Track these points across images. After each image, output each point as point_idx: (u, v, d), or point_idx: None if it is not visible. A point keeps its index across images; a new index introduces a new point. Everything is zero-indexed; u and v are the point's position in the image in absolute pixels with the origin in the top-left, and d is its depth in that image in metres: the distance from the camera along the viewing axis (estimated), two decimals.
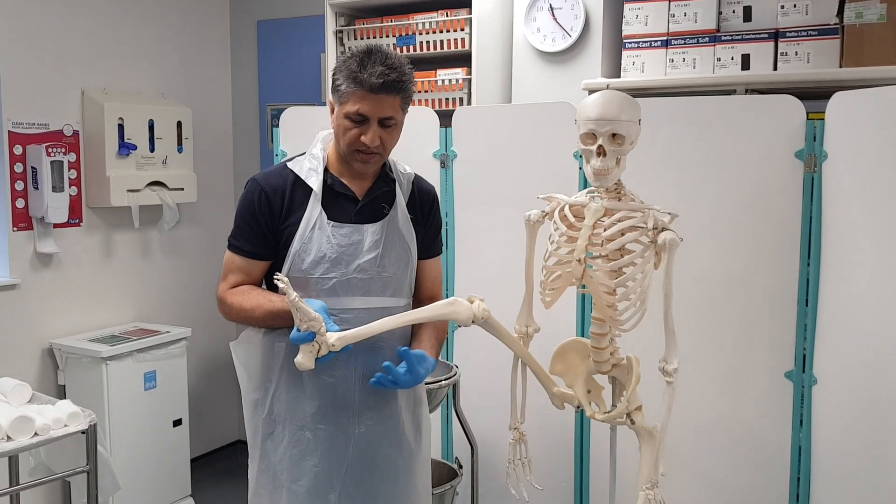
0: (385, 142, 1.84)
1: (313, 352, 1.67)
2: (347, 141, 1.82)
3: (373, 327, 1.75)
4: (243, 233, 1.89)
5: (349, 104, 1.79)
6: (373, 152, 1.83)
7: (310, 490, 1.88)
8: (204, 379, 4.14)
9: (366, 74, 1.75)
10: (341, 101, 1.81)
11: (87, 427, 2.33)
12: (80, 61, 3.47)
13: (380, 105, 1.78)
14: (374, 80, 1.75)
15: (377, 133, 1.80)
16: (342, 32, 3.40)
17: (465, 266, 2.91)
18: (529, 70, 3.18)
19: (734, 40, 2.72)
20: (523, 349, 1.93)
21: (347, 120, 1.80)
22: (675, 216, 1.78)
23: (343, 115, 1.81)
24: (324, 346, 1.68)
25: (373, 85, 1.75)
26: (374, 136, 1.80)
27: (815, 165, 2.30)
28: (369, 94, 1.76)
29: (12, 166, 3.20)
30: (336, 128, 1.85)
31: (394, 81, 1.77)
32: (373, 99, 1.77)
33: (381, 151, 1.84)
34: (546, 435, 2.69)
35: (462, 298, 1.80)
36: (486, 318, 1.80)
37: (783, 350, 2.38)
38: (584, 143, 1.79)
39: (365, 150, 1.82)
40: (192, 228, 4.04)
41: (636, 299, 1.76)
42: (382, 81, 1.75)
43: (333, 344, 1.68)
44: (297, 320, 1.65)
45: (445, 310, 1.79)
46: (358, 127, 1.80)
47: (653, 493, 1.78)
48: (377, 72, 1.75)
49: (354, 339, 1.72)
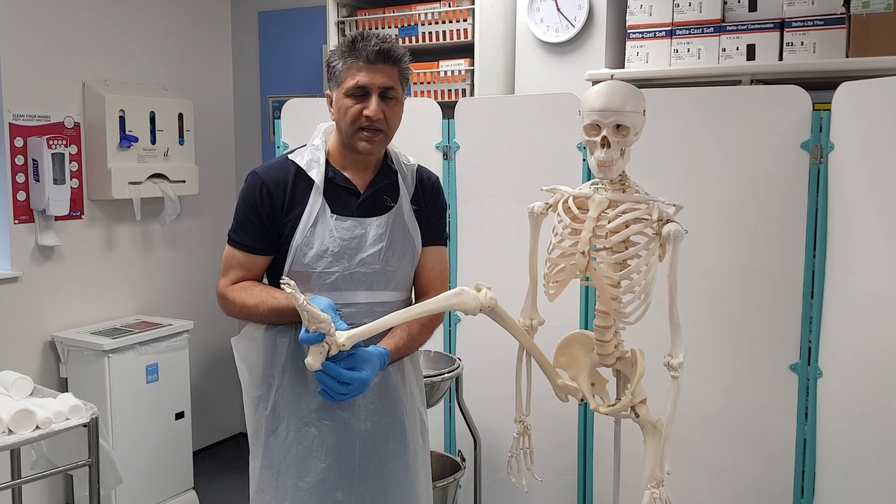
0: (388, 118, 1.82)
1: (323, 352, 1.62)
2: (350, 119, 1.80)
3: (382, 323, 1.71)
4: (244, 227, 1.86)
5: (347, 80, 1.79)
6: (377, 129, 1.80)
7: (317, 487, 1.87)
8: (206, 372, 4.14)
9: (360, 47, 1.78)
10: (339, 81, 1.81)
11: (88, 420, 2.32)
12: (81, 53, 3.45)
13: (378, 74, 1.78)
14: (370, 49, 1.77)
15: (379, 105, 1.79)
16: (344, 23, 3.39)
17: (467, 258, 2.90)
18: (533, 61, 3.16)
19: (739, 30, 2.70)
20: (529, 339, 1.92)
21: (348, 98, 1.79)
22: (680, 208, 1.76)
23: (343, 95, 1.80)
24: (334, 346, 1.63)
25: (369, 53, 1.77)
26: (376, 108, 1.78)
27: (821, 156, 2.28)
28: (366, 64, 1.78)
29: (13, 159, 3.19)
30: (337, 112, 1.83)
31: (389, 50, 1.79)
32: (370, 69, 1.78)
33: (384, 129, 1.82)
34: (549, 428, 2.68)
35: (469, 288, 1.78)
36: (493, 308, 1.78)
37: (788, 343, 2.37)
38: (589, 134, 1.77)
39: (369, 125, 1.79)
40: (193, 221, 4.03)
41: (640, 292, 1.75)
42: (378, 49, 1.77)
43: (343, 343, 1.64)
44: (306, 322, 1.60)
45: (453, 300, 1.76)
46: (359, 102, 1.79)
47: (658, 491, 1.76)
48: (372, 42, 1.78)
49: (364, 337, 1.68)
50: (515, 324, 1.88)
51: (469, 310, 1.76)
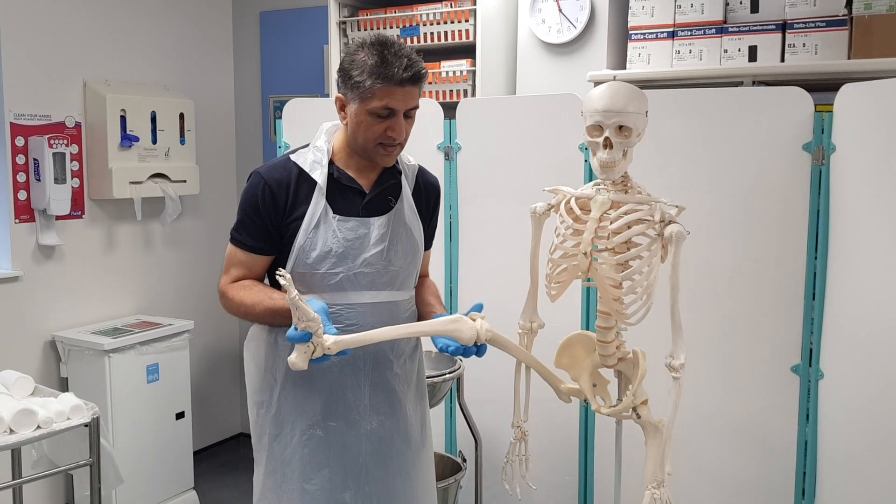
0: (406, 131, 1.83)
1: (308, 352, 1.60)
2: (372, 136, 1.78)
3: (371, 335, 1.69)
4: (246, 227, 1.86)
5: (375, 100, 1.74)
6: (397, 144, 1.81)
7: (323, 489, 1.86)
8: (206, 372, 4.13)
9: (394, 70, 1.72)
10: (364, 97, 1.75)
11: (90, 420, 2.32)
12: (82, 53, 3.45)
13: (407, 97, 1.76)
14: (403, 75, 1.72)
15: (403, 125, 1.79)
16: (346, 23, 3.38)
17: (469, 259, 2.89)
18: (534, 62, 3.16)
19: (741, 31, 2.70)
20: (532, 358, 1.90)
21: (372, 116, 1.76)
22: (682, 209, 1.76)
23: (366, 112, 1.76)
24: (319, 347, 1.61)
25: (402, 79, 1.72)
26: (401, 129, 1.78)
27: (822, 158, 2.28)
28: (398, 88, 1.73)
29: (14, 158, 3.19)
30: (355, 125, 1.80)
31: (418, 72, 1.76)
32: (402, 93, 1.74)
33: (402, 142, 1.83)
34: (550, 429, 2.68)
35: (465, 317, 1.75)
36: (491, 339, 1.75)
37: (790, 344, 2.36)
38: (591, 135, 1.77)
39: (391, 143, 1.80)
40: (194, 221, 4.03)
41: (642, 293, 1.75)
42: (412, 74, 1.73)
43: (329, 347, 1.62)
44: (296, 319, 1.58)
45: (448, 326, 1.73)
46: (384, 122, 1.77)
47: (659, 491, 1.76)
48: (403, 65, 1.72)
49: (351, 345, 1.66)
50: (517, 347, 1.87)
51: (464, 340, 1.71)
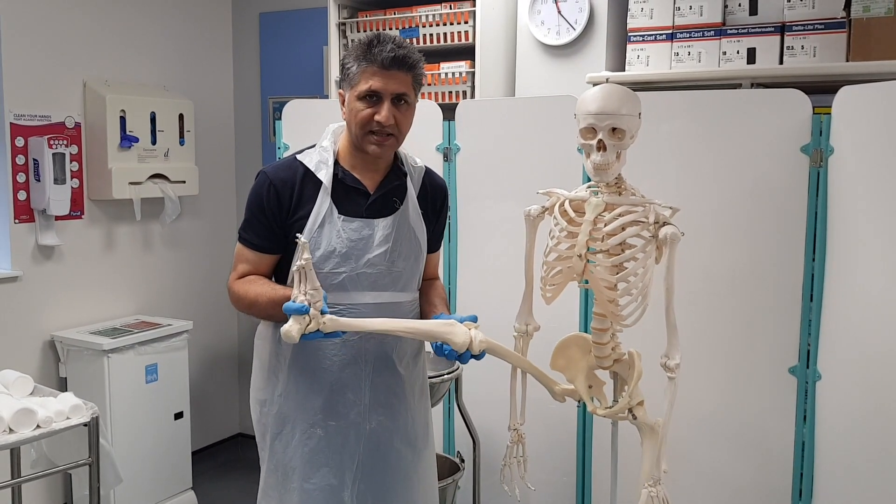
0: (399, 123, 1.82)
1: (303, 325, 1.61)
2: (361, 122, 1.80)
3: (369, 323, 1.73)
4: (252, 226, 1.88)
5: (361, 83, 1.79)
6: (388, 133, 1.81)
7: (323, 488, 1.87)
8: (205, 372, 4.14)
9: (376, 51, 1.77)
10: (352, 83, 1.81)
11: (89, 420, 2.33)
12: (82, 53, 3.46)
13: (391, 80, 1.78)
14: (385, 55, 1.76)
15: (390, 111, 1.79)
16: (345, 25, 3.39)
17: (467, 260, 2.90)
18: (533, 63, 3.16)
19: (740, 34, 2.70)
20: (528, 363, 1.91)
21: (360, 101, 1.79)
22: (677, 210, 1.76)
23: (355, 98, 1.80)
24: (315, 321, 1.62)
25: (384, 59, 1.76)
26: (387, 114, 1.79)
27: (821, 160, 2.28)
28: (381, 69, 1.77)
29: (14, 158, 3.19)
30: (349, 114, 1.83)
31: (404, 57, 1.78)
32: (384, 75, 1.77)
33: (395, 133, 1.83)
34: (547, 430, 2.68)
35: (459, 322, 1.76)
36: (486, 349, 1.76)
37: (787, 345, 2.36)
38: (584, 137, 1.78)
39: (379, 129, 1.80)
40: (193, 221, 4.04)
41: (637, 294, 1.75)
42: (394, 55, 1.76)
43: (325, 322, 1.64)
44: (297, 290, 1.61)
45: (443, 329, 1.75)
46: (371, 106, 1.79)
47: (655, 490, 1.77)
48: (388, 48, 1.77)
49: (346, 328, 1.69)
50: (513, 354, 1.88)
51: (457, 345, 1.73)
